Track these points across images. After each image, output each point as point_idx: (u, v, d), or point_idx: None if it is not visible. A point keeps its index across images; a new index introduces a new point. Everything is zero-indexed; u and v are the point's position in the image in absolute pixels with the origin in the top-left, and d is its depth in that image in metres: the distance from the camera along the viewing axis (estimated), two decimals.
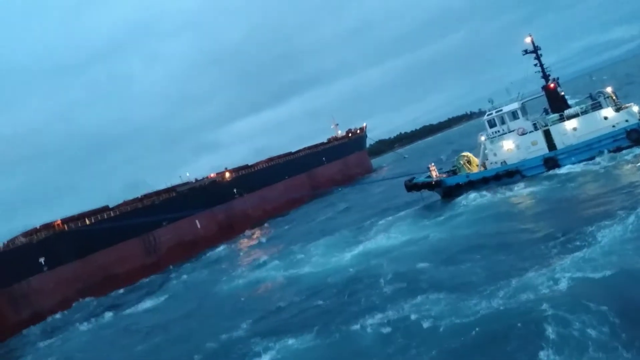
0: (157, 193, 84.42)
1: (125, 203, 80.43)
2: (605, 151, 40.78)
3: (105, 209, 76.69)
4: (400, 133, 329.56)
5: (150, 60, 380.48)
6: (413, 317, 21.49)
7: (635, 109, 41.95)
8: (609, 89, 43.55)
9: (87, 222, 71.73)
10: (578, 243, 23.55)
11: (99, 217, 73.12)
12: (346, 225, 51.66)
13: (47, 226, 68.82)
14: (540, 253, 24.32)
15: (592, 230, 24.27)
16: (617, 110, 42.08)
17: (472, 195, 42.79)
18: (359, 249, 38.31)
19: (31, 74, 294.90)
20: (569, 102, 45.88)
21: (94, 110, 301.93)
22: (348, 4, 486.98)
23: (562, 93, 46.13)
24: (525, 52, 45.93)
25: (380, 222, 46.46)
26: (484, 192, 42.41)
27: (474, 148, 49.70)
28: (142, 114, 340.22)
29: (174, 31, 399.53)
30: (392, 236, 38.89)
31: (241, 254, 60.61)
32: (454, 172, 49.25)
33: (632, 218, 23.53)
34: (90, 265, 67.25)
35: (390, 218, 47.41)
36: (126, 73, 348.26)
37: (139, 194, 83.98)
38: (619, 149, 40.37)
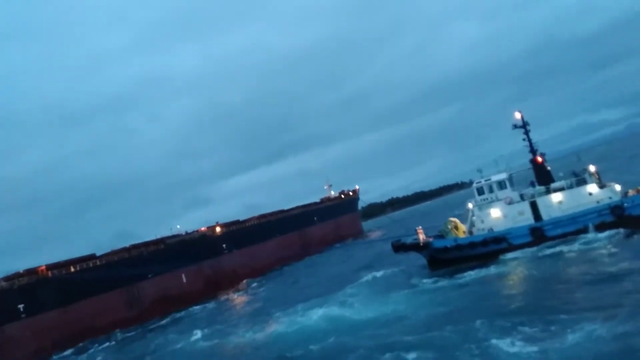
0: (146, 244, 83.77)
1: (113, 252, 79.59)
2: (590, 225, 41.86)
3: (92, 257, 75.78)
4: (392, 197, 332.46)
5: (152, 117, 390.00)
6: None
7: (617, 187, 43.53)
8: (592, 168, 45.06)
9: (72, 269, 70.73)
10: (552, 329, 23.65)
11: (85, 265, 72.19)
12: (329, 288, 51.23)
13: (31, 271, 67.76)
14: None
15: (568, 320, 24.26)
16: (601, 187, 43.44)
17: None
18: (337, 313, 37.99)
19: (38, 123, 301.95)
20: (554, 178, 47.34)
21: (94, 160, 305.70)
22: (346, 75, 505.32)
23: (549, 168, 47.69)
24: (515, 126, 47.88)
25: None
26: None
27: (463, 214, 50.58)
28: (139, 167, 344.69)
29: (177, 91, 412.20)
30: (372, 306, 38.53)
31: (222, 313, 59.37)
32: (440, 237, 49.92)
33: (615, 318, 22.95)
34: (71, 315, 65.75)
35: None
36: (128, 127, 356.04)
37: (127, 244, 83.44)
38: (602, 224, 41.49)
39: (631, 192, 44.47)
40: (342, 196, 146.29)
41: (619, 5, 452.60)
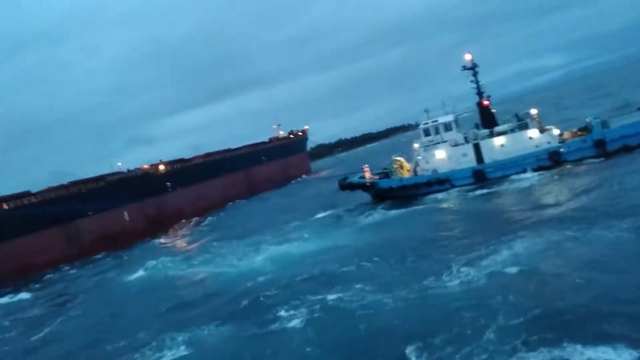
0: (85, 181, 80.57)
1: (50, 189, 76.16)
2: (529, 168, 43.40)
3: (27, 194, 72.34)
4: (340, 139, 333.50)
5: (87, 49, 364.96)
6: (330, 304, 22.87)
7: (555, 132, 45.13)
8: (533, 111, 46.13)
9: (6, 206, 67.37)
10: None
11: (20, 203, 68.87)
12: (273, 225, 51.70)
13: None
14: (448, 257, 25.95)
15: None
16: (541, 131, 44.76)
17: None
18: (279, 249, 38.48)
19: None
20: (498, 121, 48.30)
21: (23, 94, 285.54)
22: (291, 13, 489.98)
23: (494, 111, 48.48)
24: (464, 68, 48.08)
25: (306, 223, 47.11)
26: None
27: (409, 156, 51.31)
28: (75, 103, 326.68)
29: (115, 23, 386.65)
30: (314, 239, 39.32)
31: (165, 249, 58.78)
32: (386, 175, 50.85)
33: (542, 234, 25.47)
34: (5, 252, 63.14)
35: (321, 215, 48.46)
36: (62, 59, 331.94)
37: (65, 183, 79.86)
38: (540, 168, 43.22)
39: (566, 135, 46.24)
40: (291, 136, 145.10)
41: None
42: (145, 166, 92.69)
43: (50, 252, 67.28)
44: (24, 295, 50.35)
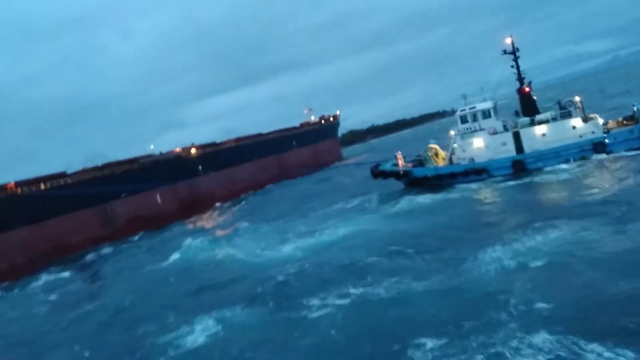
0: (119, 163, 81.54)
1: (84, 170, 77.35)
2: (572, 160, 41.47)
3: (62, 175, 73.68)
4: (373, 125, 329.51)
5: (124, 33, 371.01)
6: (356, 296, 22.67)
7: (600, 120, 42.86)
8: (576, 99, 43.95)
9: (42, 186, 68.84)
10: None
11: (55, 183, 70.25)
12: (304, 211, 51.13)
13: (0, 188, 65.78)
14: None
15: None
16: (585, 121, 42.61)
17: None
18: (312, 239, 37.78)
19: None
20: (539, 109, 46.27)
21: (62, 78, 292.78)
22: None
23: (535, 98, 46.41)
24: (505, 52, 46.03)
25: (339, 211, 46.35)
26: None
27: (443, 142, 49.89)
28: (110, 87, 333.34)
29: (150, 6, 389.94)
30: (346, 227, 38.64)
31: (196, 232, 59.09)
32: (419, 163, 49.37)
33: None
34: (43, 232, 64.61)
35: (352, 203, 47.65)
36: (99, 43, 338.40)
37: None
38: (583, 159, 41.13)
39: (611, 124, 43.96)
40: (322, 121, 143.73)
41: None
42: (178, 149, 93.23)
43: (85, 232, 68.50)
44: (63, 274, 51.45)
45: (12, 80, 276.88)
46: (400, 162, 49.74)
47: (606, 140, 41.18)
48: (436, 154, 48.46)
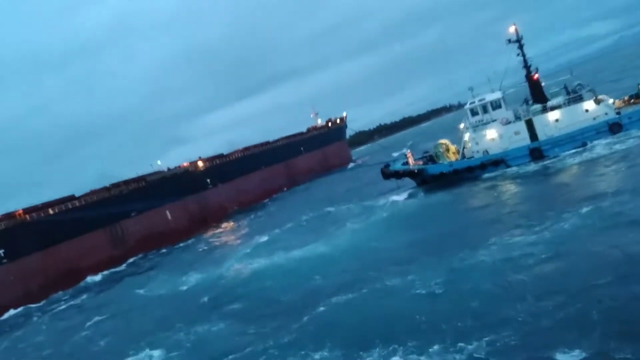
0: (126, 182, 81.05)
1: (93, 192, 76.88)
2: (589, 142, 40.31)
3: (71, 198, 73.33)
4: (380, 124, 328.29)
5: (127, 58, 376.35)
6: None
7: (611, 101, 41.85)
8: (583, 83, 42.91)
9: (51, 212, 68.37)
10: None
11: (64, 207, 69.78)
12: (317, 217, 49.91)
13: (8, 216, 65.43)
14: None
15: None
16: (597, 102, 41.37)
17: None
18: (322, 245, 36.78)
19: (11, 71, 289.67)
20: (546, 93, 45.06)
21: (70, 105, 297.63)
22: (323, 4, 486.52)
23: (543, 84, 45.17)
24: (509, 41, 44.75)
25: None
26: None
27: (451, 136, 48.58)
28: (116, 109, 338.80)
29: (152, 29, 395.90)
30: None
31: (210, 247, 58.00)
32: (430, 159, 48.01)
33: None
34: (54, 257, 64.10)
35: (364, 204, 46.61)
36: (104, 70, 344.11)
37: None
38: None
39: (618, 103, 42.81)
40: (329, 124, 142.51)
41: None
42: (185, 164, 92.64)
43: (97, 254, 67.89)
44: (74, 302, 50.66)
45: (22, 111, 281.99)
46: (411, 160, 48.43)
47: (622, 122, 39.89)
48: (447, 149, 47.10)
